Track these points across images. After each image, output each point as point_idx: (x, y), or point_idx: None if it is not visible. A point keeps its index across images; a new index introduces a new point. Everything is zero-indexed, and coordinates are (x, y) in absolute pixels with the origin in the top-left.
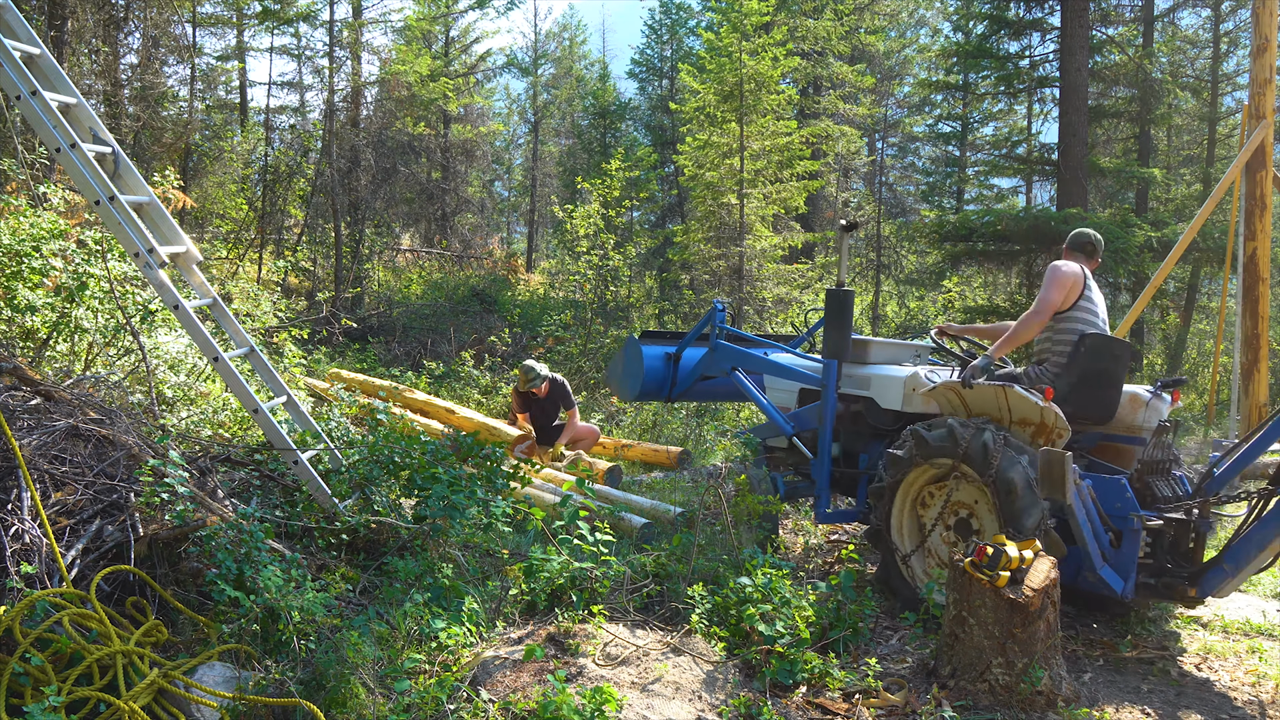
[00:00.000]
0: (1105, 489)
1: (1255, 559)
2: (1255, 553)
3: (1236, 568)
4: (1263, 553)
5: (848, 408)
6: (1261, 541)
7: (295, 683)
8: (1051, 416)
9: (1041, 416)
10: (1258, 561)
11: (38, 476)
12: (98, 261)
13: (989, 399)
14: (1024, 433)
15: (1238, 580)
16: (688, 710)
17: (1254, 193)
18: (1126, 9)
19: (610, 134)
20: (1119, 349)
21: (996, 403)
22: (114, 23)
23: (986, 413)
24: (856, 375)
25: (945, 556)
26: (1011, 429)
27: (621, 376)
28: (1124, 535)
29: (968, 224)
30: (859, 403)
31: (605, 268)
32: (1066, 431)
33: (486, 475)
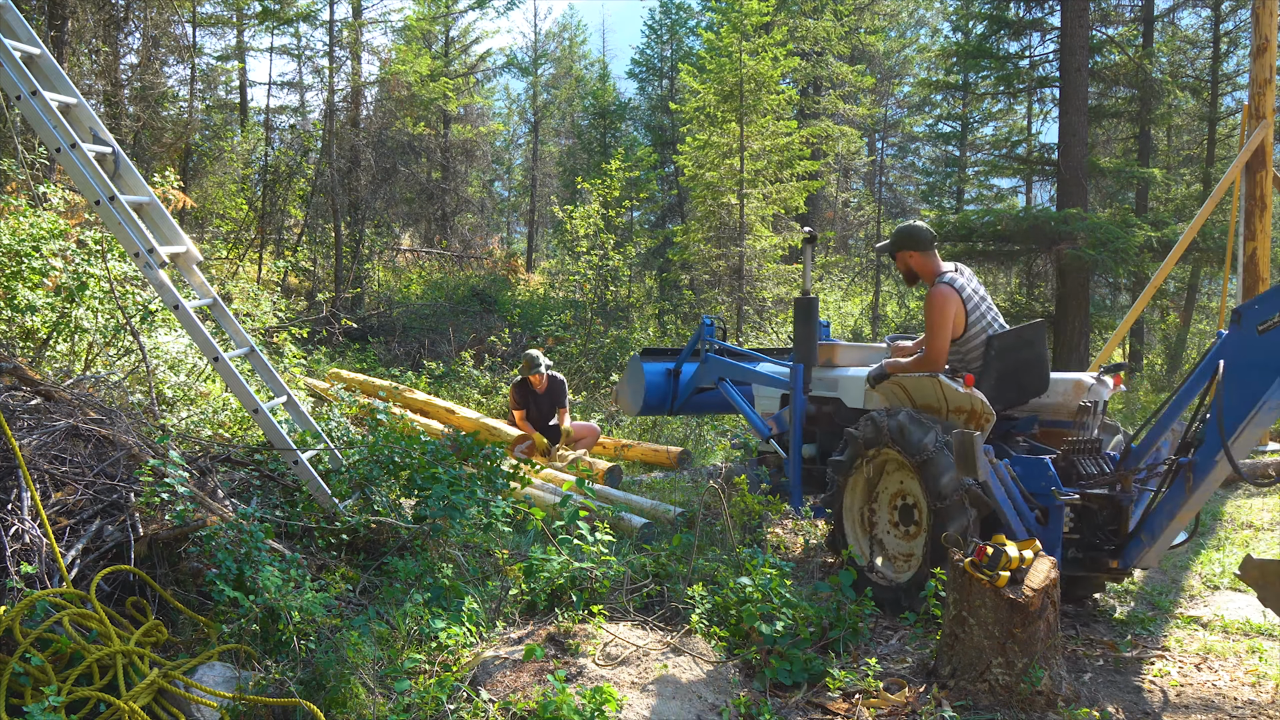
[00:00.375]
0: (1030, 469)
1: (1168, 529)
2: (1166, 522)
3: (1152, 538)
4: (1173, 522)
5: (820, 409)
6: (1170, 511)
7: (295, 683)
8: (977, 403)
9: (970, 404)
10: (1171, 531)
11: (38, 476)
12: (98, 261)
13: (929, 391)
14: (959, 419)
15: (1156, 550)
16: (688, 710)
17: (1254, 193)
18: (1126, 9)
19: (610, 134)
20: (1029, 334)
21: (935, 393)
22: (114, 23)
23: (928, 404)
24: (826, 378)
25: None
26: (949, 417)
27: (628, 394)
28: (1050, 512)
29: (968, 224)
30: (830, 404)
31: (605, 268)
32: (991, 416)
33: (486, 475)
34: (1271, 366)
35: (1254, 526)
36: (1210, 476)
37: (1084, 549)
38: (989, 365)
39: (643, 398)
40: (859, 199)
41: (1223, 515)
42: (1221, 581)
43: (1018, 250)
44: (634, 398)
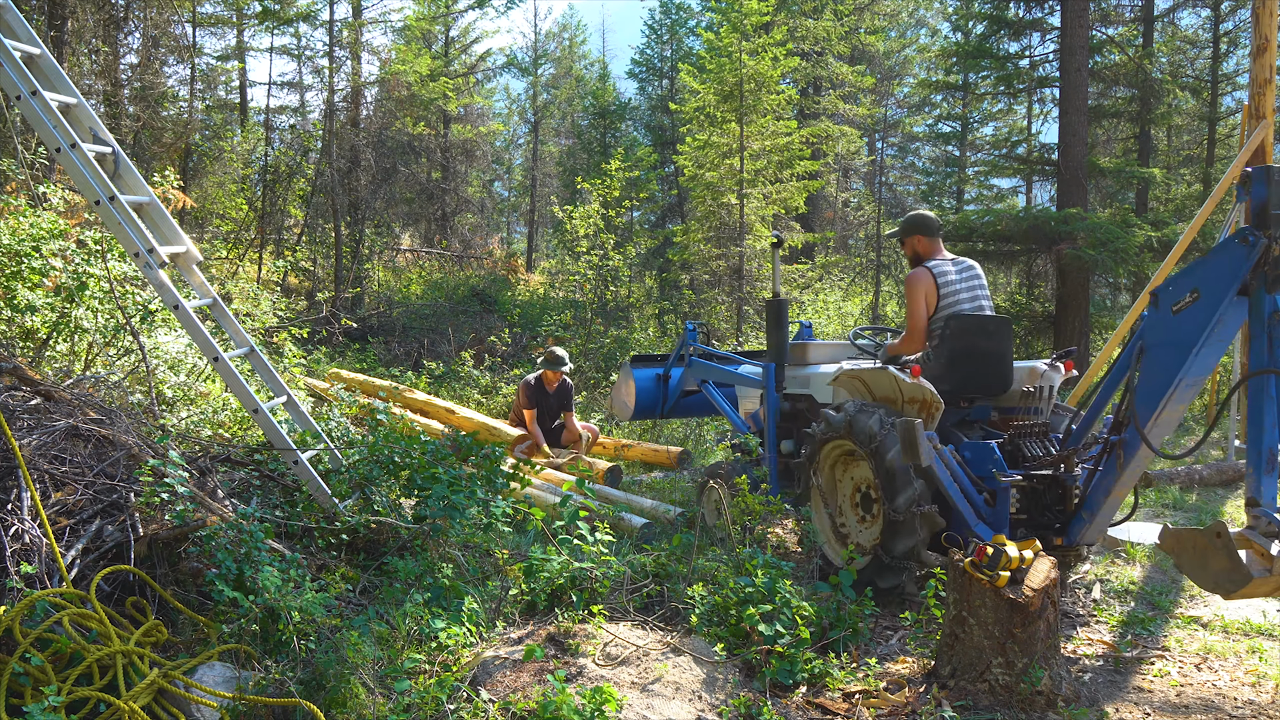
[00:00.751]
0: (977, 453)
1: (1106, 505)
2: (1103, 499)
3: (1092, 514)
4: (1110, 498)
5: (795, 406)
6: (1106, 488)
7: (295, 683)
8: (924, 391)
9: (920, 394)
10: (1110, 506)
11: (38, 476)
12: (98, 261)
13: (886, 383)
14: (912, 409)
15: (1097, 526)
16: (688, 710)
17: None
18: (1126, 9)
19: (610, 134)
20: (992, 325)
21: (891, 385)
22: (114, 23)
23: (885, 395)
24: (799, 375)
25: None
26: (903, 407)
27: (620, 400)
28: (997, 495)
29: (967, 224)
30: (803, 401)
31: (605, 268)
32: (940, 404)
33: (486, 475)
34: (1185, 344)
35: None
36: (1139, 452)
37: (1032, 528)
38: (943, 344)
39: (634, 403)
40: (859, 199)
41: (1223, 515)
42: None
43: (1018, 250)
44: (626, 403)
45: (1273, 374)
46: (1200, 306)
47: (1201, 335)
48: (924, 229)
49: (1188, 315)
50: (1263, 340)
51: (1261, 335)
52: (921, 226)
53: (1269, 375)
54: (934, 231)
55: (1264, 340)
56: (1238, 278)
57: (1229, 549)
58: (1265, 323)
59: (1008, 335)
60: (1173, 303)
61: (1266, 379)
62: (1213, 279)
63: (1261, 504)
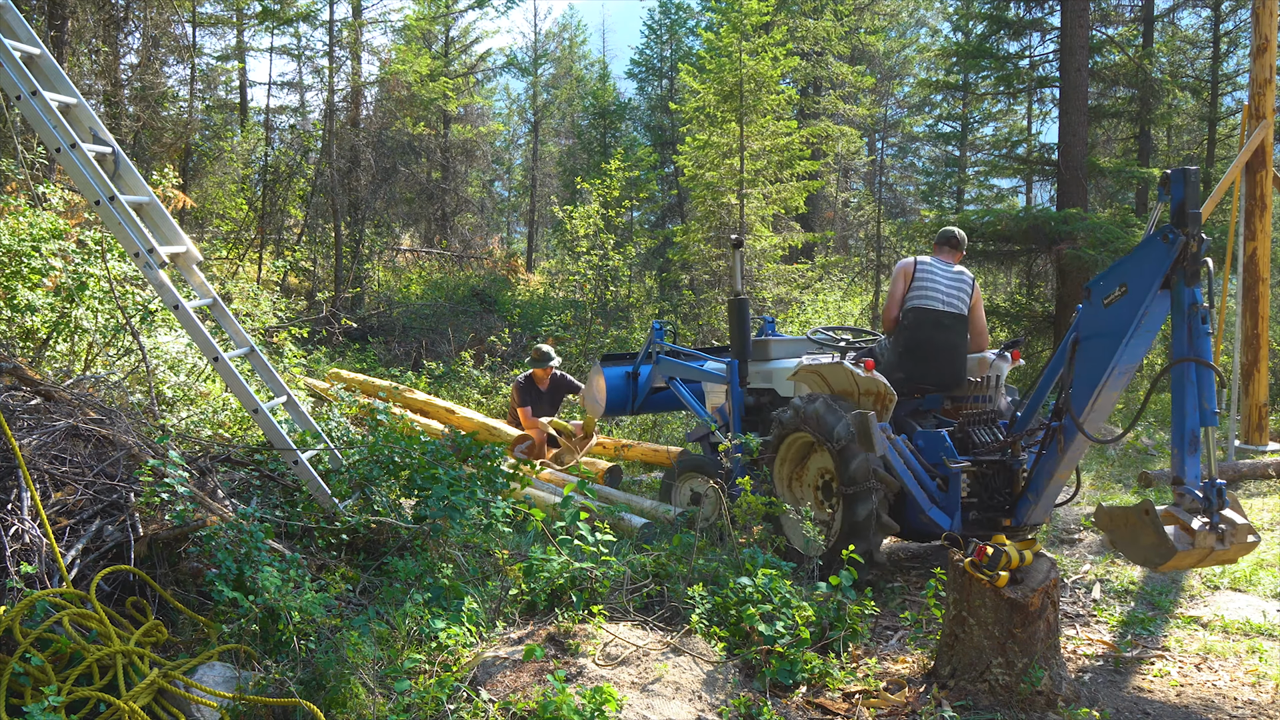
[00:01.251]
0: (930, 441)
1: (1049, 486)
2: (1046, 481)
3: (1038, 496)
4: (1053, 480)
5: (758, 400)
6: (1049, 471)
7: (295, 683)
8: (878, 385)
9: (875, 387)
10: (1054, 488)
11: (38, 476)
12: (98, 261)
13: (843, 377)
14: (868, 401)
15: (1042, 507)
16: (688, 710)
17: (1254, 193)
18: (1126, 9)
19: (610, 134)
20: (947, 320)
21: (847, 379)
22: (114, 23)
23: (843, 389)
24: (762, 370)
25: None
26: (859, 399)
27: (592, 398)
28: (949, 480)
29: (967, 224)
30: (766, 394)
31: (605, 268)
32: (893, 396)
33: (486, 475)
34: (1116, 335)
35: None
36: (1077, 440)
37: (982, 510)
38: (900, 334)
39: (605, 400)
40: (859, 199)
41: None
42: (1221, 581)
43: (1018, 250)
44: (597, 400)
45: (1193, 362)
46: (1128, 300)
47: (1130, 326)
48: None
49: (1117, 308)
50: (1183, 330)
51: (1182, 325)
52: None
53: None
54: (945, 241)
55: (1184, 330)
56: (1160, 272)
57: (1156, 525)
58: (1185, 314)
59: (962, 331)
60: (1104, 296)
61: (1187, 366)
62: (1138, 274)
63: (1185, 482)
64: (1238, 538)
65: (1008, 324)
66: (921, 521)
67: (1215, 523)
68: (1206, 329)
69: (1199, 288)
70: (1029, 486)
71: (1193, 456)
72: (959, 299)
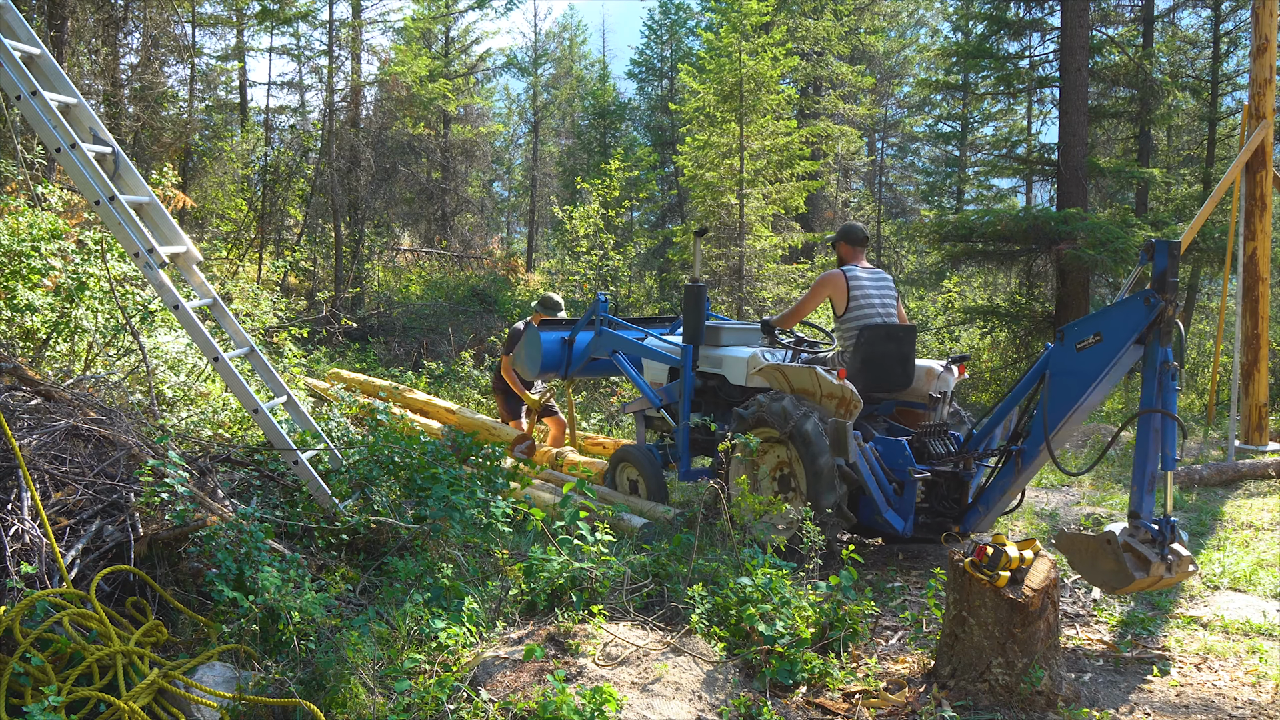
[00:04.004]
0: (889, 449)
1: (999, 501)
2: (998, 497)
3: (987, 508)
4: (1004, 496)
5: (706, 383)
6: (1002, 487)
7: (295, 683)
8: (847, 391)
9: (841, 392)
10: (1002, 503)
11: (38, 476)
12: (97, 261)
13: (806, 377)
14: (830, 404)
15: (990, 518)
16: (688, 710)
17: (1254, 193)
18: (1126, 9)
19: (610, 134)
20: (900, 332)
21: (811, 381)
22: (114, 23)
23: (804, 388)
24: (712, 356)
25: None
26: (821, 402)
27: (525, 359)
28: (905, 485)
29: (967, 224)
30: (714, 379)
31: (605, 268)
32: (859, 403)
33: (486, 475)
34: (1086, 376)
35: (1254, 526)
36: (1035, 462)
37: (932, 515)
38: (858, 349)
39: (539, 362)
40: (859, 199)
41: (1223, 515)
42: (1221, 581)
43: (1018, 250)
44: (530, 362)
45: (1159, 413)
46: (1102, 348)
47: (1101, 371)
48: (847, 237)
49: (1090, 353)
50: (1154, 384)
51: (1153, 380)
52: (845, 235)
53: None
54: (855, 240)
55: (1154, 384)
56: (1137, 329)
57: (1116, 553)
58: (1157, 369)
59: (912, 341)
60: (1077, 340)
61: (1154, 415)
62: (1115, 327)
63: (1141, 516)
64: (1181, 567)
65: (1008, 324)
66: (875, 521)
67: (1165, 554)
68: (1174, 384)
69: (1170, 347)
70: (981, 499)
71: (1150, 495)
72: (893, 303)
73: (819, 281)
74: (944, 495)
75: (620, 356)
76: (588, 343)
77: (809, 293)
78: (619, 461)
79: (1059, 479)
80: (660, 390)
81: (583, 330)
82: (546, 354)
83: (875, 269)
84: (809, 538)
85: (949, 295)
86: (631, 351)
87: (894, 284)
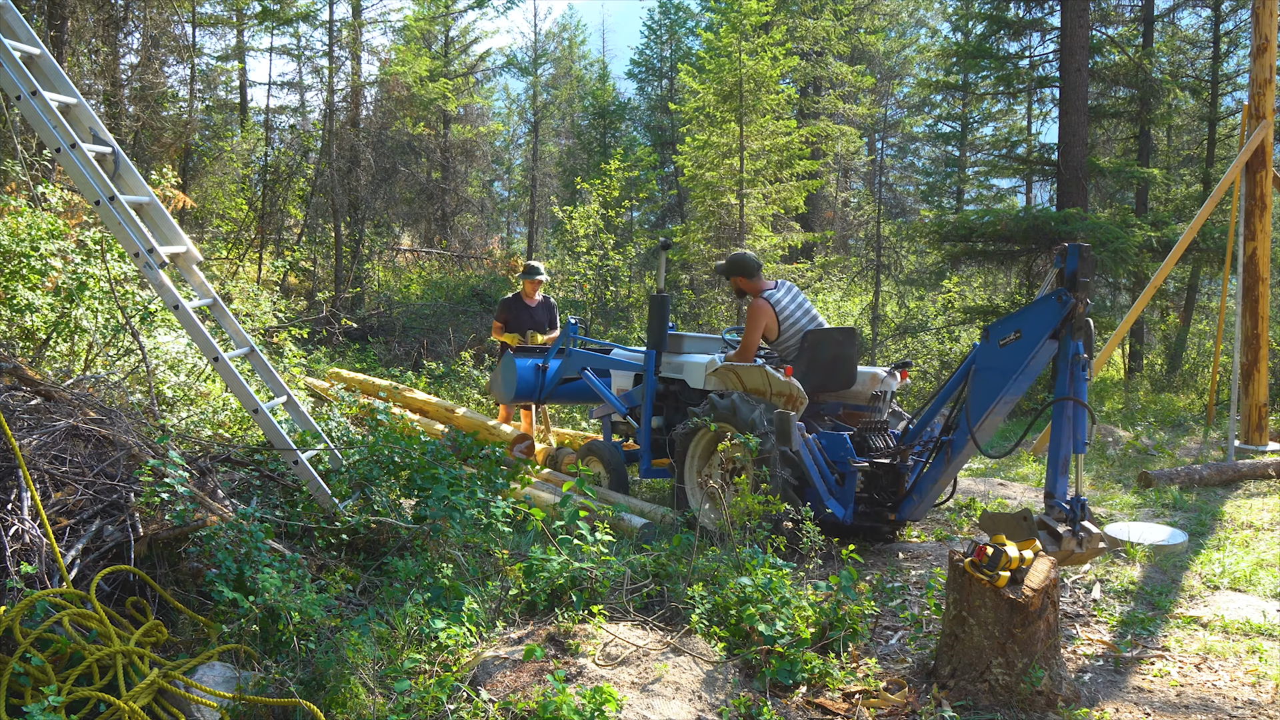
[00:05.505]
0: (832, 443)
1: (931, 491)
2: (930, 486)
3: (921, 498)
4: (935, 485)
5: (668, 387)
6: (934, 478)
7: (295, 683)
8: (794, 389)
9: (788, 389)
10: (935, 491)
11: (38, 476)
12: (97, 261)
13: (758, 377)
14: (779, 401)
15: (923, 507)
16: (688, 710)
17: (1254, 193)
18: (1126, 9)
19: (610, 134)
20: (840, 336)
21: (762, 380)
22: (114, 23)
23: (756, 388)
24: (673, 362)
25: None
26: (772, 399)
27: (501, 384)
28: (846, 477)
29: (967, 224)
30: (675, 384)
31: (605, 268)
32: (805, 399)
33: (486, 475)
34: (1007, 371)
35: (1254, 526)
36: (964, 452)
37: (870, 505)
38: (803, 355)
39: (515, 388)
40: (859, 199)
41: (1222, 515)
42: (1221, 581)
43: (1018, 250)
44: (506, 388)
45: (1070, 401)
46: (1021, 344)
47: (1020, 365)
48: (743, 270)
49: (1011, 349)
50: (1066, 374)
51: (1066, 370)
52: (740, 268)
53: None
54: (753, 271)
55: (1067, 374)
56: (1051, 325)
57: (1031, 529)
58: (1069, 361)
59: (854, 342)
60: (1000, 338)
61: (1066, 404)
62: (1033, 324)
63: (1055, 496)
64: (1092, 544)
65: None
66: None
67: (1076, 531)
68: (1084, 375)
69: (1081, 342)
70: (914, 489)
71: (1064, 477)
72: (814, 311)
73: (751, 314)
74: (882, 486)
75: (588, 373)
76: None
77: (748, 328)
78: (586, 454)
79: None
80: (624, 396)
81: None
82: (521, 381)
83: (782, 282)
84: (808, 537)
85: (949, 295)
86: (599, 365)
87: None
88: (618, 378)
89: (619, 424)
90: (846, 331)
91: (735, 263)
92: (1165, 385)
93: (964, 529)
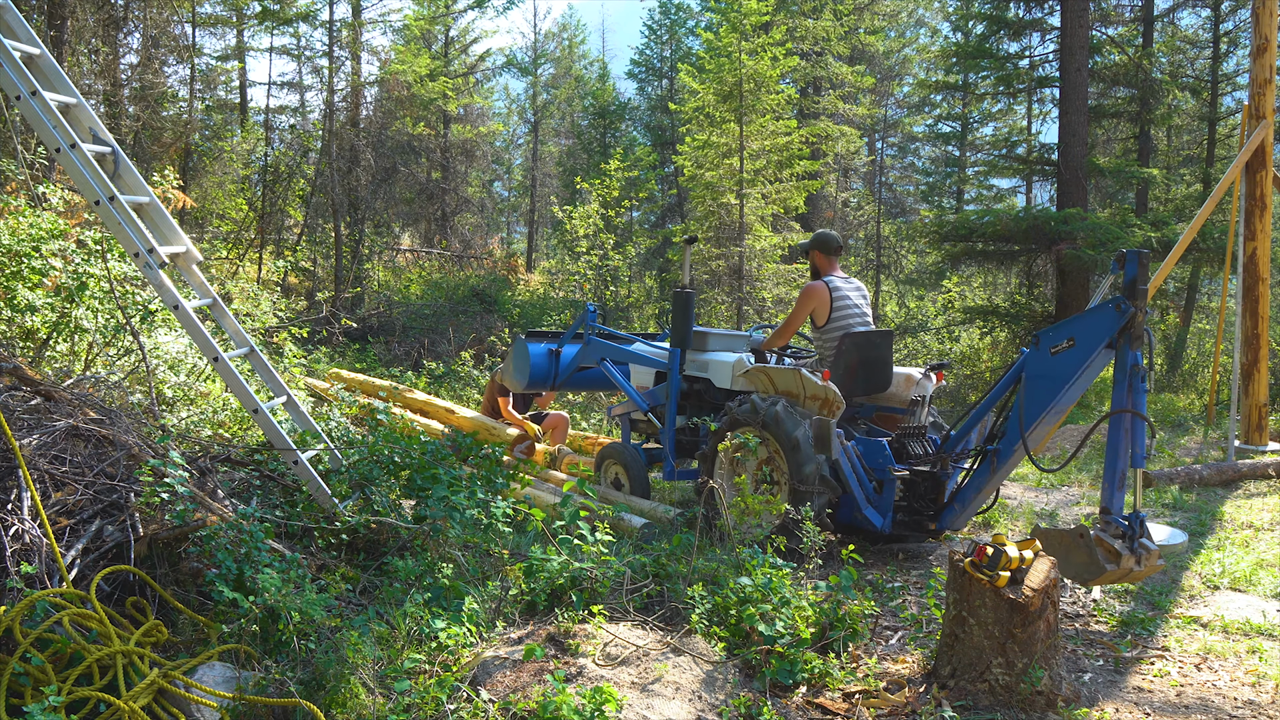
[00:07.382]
0: (870, 449)
1: (974, 500)
2: (974, 495)
3: (963, 507)
4: (979, 495)
5: (691, 386)
6: (978, 486)
7: (295, 683)
8: (831, 393)
9: (824, 393)
10: (977, 502)
11: (38, 476)
12: (98, 261)
13: (790, 380)
14: (813, 405)
15: (965, 517)
16: (688, 710)
17: (1254, 193)
18: (1126, 9)
19: (610, 134)
20: (878, 338)
21: (795, 382)
22: (114, 23)
23: (789, 390)
24: (698, 360)
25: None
26: (805, 403)
27: (513, 370)
28: (884, 484)
29: (967, 224)
30: (700, 382)
31: (605, 268)
32: (842, 404)
33: (486, 475)
34: (1059, 379)
35: (1254, 526)
36: (1009, 461)
37: (909, 514)
38: (840, 356)
39: (528, 374)
40: (859, 199)
41: (1222, 515)
42: (1221, 581)
43: (1018, 250)
44: (519, 374)
45: (1129, 413)
46: (1075, 352)
47: (1074, 374)
48: (822, 246)
49: (1064, 357)
50: (1124, 386)
51: (1123, 382)
52: (820, 243)
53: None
54: (832, 250)
55: (1125, 386)
56: (1109, 334)
57: (1089, 546)
58: (1127, 372)
59: (888, 346)
60: (1052, 345)
61: (1124, 415)
62: (1088, 332)
63: (1112, 512)
64: (1150, 561)
65: (1008, 324)
66: (855, 518)
67: (1135, 548)
68: (1144, 386)
69: (1140, 351)
70: (956, 498)
71: (1120, 491)
72: (869, 310)
73: (803, 295)
74: (922, 494)
75: (607, 363)
76: (575, 353)
77: (795, 308)
78: (604, 459)
79: (1059, 479)
80: (646, 394)
81: (569, 343)
82: (534, 366)
83: (850, 278)
84: (808, 537)
85: (949, 295)
86: (619, 357)
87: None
88: (637, 373)
89: (639, 423)
90: (884, 334)
91: (818, 237)
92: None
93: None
